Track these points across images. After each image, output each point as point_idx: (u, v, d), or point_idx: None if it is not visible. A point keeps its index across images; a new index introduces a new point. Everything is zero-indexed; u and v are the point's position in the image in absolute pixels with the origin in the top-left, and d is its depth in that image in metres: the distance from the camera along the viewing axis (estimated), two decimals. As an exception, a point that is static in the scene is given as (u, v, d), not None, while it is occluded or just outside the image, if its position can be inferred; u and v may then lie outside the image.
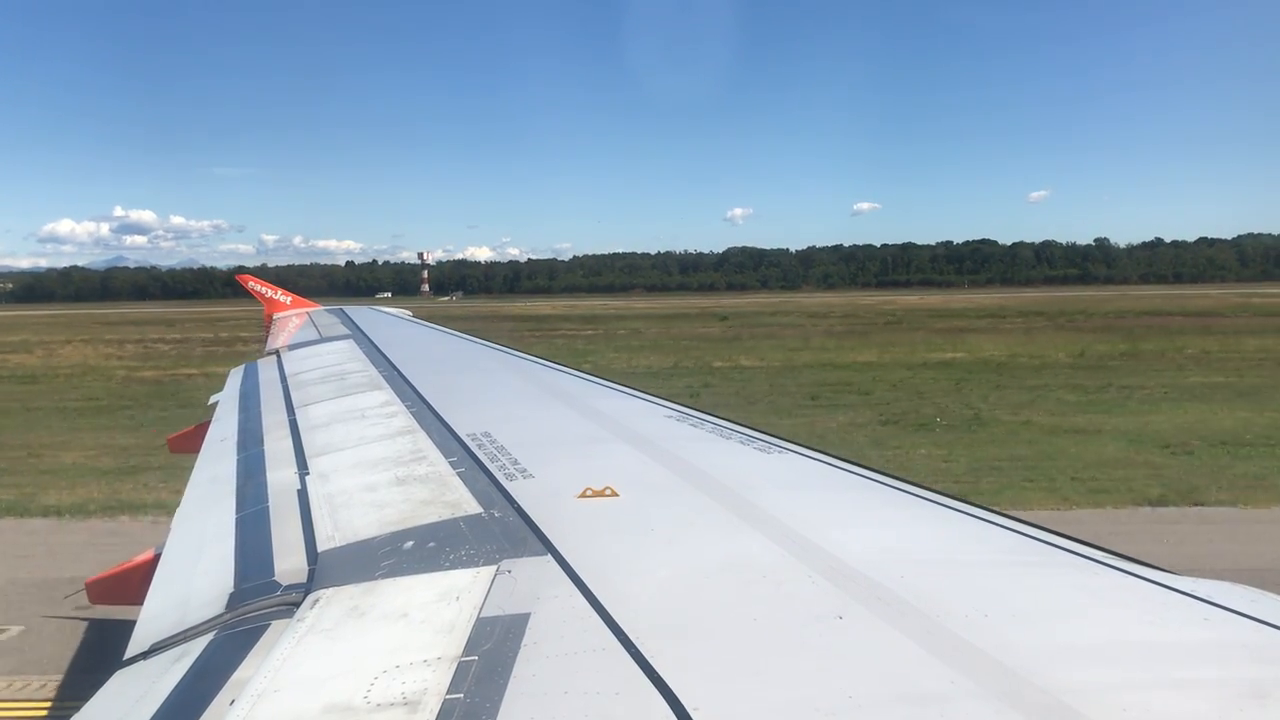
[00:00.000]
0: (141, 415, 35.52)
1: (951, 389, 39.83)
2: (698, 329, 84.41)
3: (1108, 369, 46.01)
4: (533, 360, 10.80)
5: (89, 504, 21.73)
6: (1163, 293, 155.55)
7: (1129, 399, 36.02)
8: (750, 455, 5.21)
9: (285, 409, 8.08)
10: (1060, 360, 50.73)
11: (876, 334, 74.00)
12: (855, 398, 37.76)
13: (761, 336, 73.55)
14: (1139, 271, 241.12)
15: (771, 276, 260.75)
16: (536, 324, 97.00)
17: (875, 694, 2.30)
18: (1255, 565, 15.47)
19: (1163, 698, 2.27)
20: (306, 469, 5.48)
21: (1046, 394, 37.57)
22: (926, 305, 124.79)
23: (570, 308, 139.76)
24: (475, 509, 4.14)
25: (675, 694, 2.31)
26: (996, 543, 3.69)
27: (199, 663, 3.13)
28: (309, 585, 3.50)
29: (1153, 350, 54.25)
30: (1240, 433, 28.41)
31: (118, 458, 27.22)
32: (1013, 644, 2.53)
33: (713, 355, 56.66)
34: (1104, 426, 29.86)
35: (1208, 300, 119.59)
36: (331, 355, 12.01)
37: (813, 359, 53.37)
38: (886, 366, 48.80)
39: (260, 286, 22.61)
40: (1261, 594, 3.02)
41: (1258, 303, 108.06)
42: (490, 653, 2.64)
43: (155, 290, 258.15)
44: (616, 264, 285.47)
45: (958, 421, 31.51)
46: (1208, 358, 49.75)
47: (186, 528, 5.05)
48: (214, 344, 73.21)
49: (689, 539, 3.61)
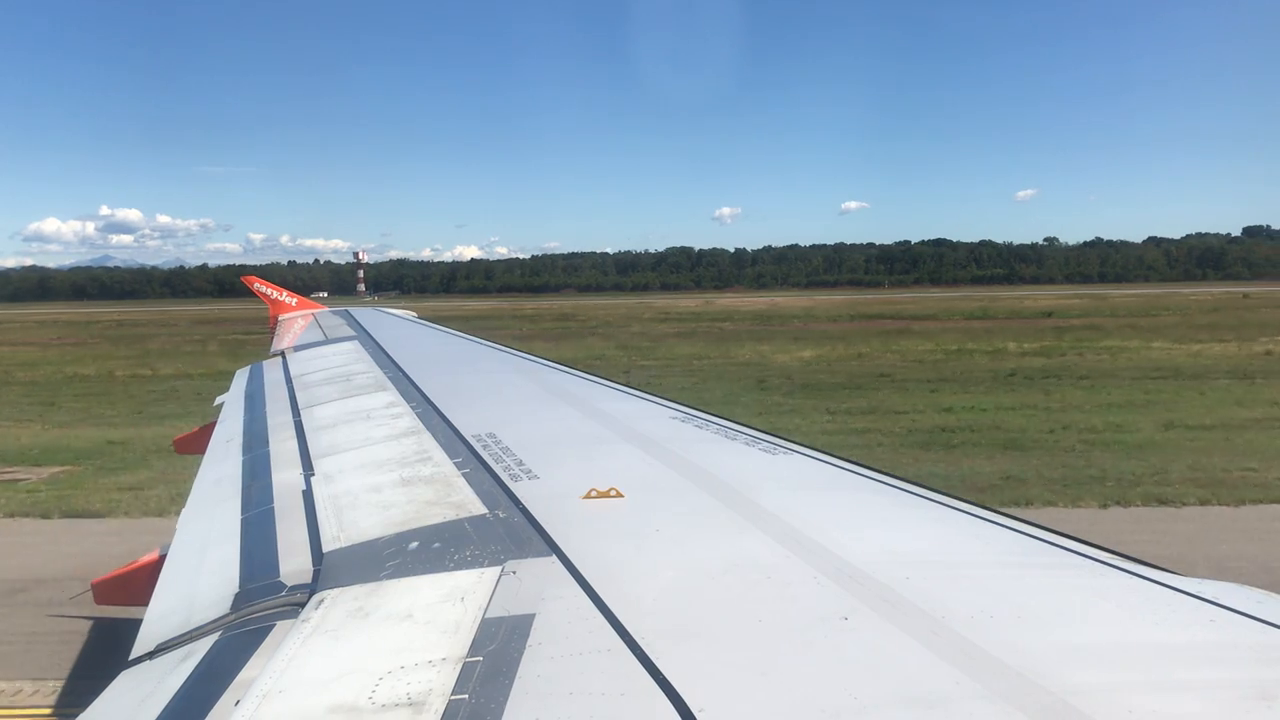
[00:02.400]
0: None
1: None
2: (493, 329, 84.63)
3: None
4: (537, 361, 10.80)
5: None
6: (1022, 293, 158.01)
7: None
8: (755, 456, 5.21)
9: (290, 410, 8.09)
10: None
11: (610, 333, 76.04)
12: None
13: (555, 336, 74.00)
14: (1065, 272, 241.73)
15: (705, 277, 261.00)
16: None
17: (880, 695, 2.30)
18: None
19: (1168, 699, 2.26)
20: (312, 470, 5.48)
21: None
22: (749, 307, 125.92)
23: (457, 308, 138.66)
24: (480, 510, 4.15)
25: (680, 695, 2.30)
26: (1001, 544, 3.68)
27: (204, 663, 3.13)
28: (314, 586, 3.50)
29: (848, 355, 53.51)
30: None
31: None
32: (1017, 645, 2.53)
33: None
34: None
35: (1044, 301, 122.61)
36: (337, 356, 12.03)
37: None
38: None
39: (266, 288, 22.65)
40: (1267, 595, 3.02)
41: (1079, 304, 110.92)
42: (495, 653, 2.64)
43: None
44: (558, 264, 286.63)
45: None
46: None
47: (192, 528, 5.05)
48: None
49: (694, 540, 3.61)
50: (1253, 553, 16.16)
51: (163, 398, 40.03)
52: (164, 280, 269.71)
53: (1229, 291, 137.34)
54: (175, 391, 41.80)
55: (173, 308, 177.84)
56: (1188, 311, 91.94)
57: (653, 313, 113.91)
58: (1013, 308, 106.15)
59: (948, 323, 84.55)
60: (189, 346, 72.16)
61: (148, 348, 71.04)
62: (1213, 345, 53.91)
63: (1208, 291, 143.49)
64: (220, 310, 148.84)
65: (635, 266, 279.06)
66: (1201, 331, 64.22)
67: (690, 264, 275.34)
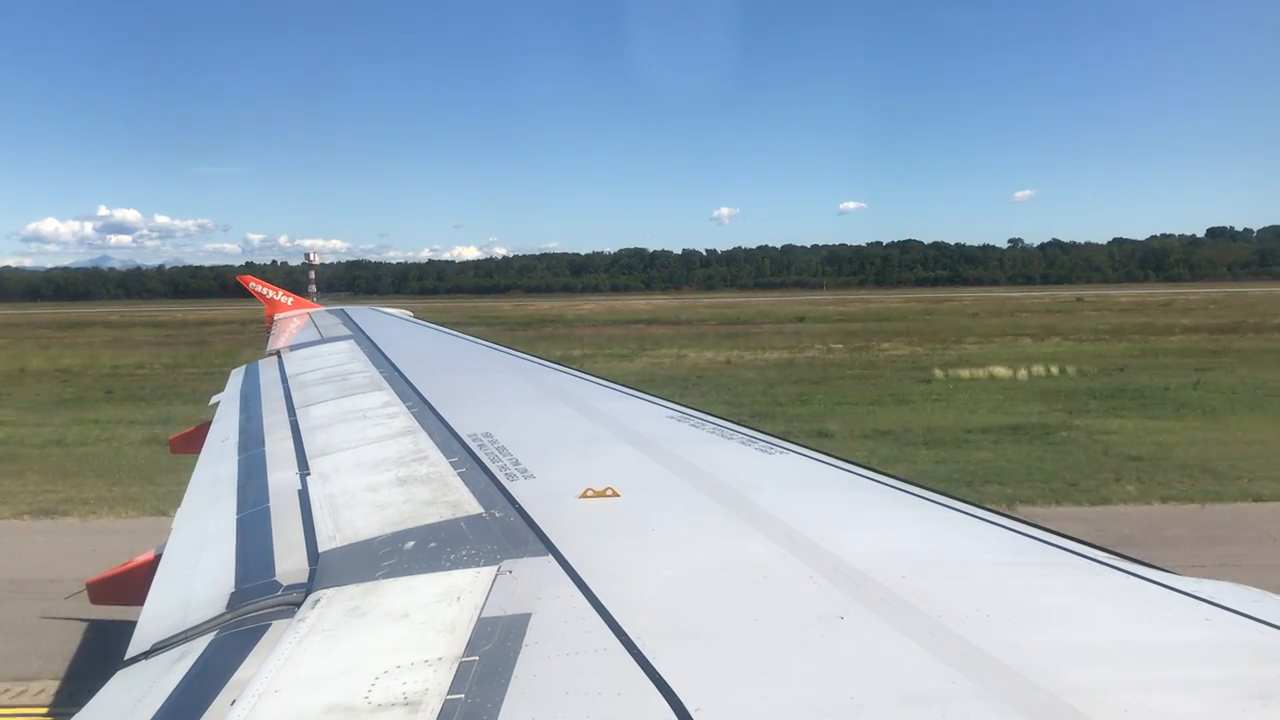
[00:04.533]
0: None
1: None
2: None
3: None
4: (534, 361, 10.80)
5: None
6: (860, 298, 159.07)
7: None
8: (751, 455, 5.21)
9: (286, 409, 8.08)
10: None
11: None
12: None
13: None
14: (1008, 273, 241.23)
15: (655, 279, 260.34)
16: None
17: (877, 694, 2.30)
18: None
19: (1164, 698, 2.27)
20: (308, 469, 5.47)
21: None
22: (627, 309, 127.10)
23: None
24: (476, 509, 4.14)
25: (677, 695, 2.30)
26: (997, 542, 3.69)
27: (200, 663, 3.13)
28: (310, 585, 3.50)
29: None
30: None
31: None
32: (1014, 644, 2.53)
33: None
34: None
35: (847, 305, 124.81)
36: (333, 356, 12.02)
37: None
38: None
39: (262, 287, 22.61)
40: (1263, 594, 3.02)
41: (862, 309, 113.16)
42: (491, 653, 2.64)
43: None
44: (512, 266, 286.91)
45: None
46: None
47: (188, 528, 5.05)
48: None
49: (690, 539, 3.61)
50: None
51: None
52: (119, 281, 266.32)
53: (1082, 295, 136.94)
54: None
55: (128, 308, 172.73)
56: (949, 316, 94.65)
57: (524, 315, 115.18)
58: (794, 312, 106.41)
59: (737, 326, 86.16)
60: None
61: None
62: (703, 352, 56.44)
63: (1074, 294, 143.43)
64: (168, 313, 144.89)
65: (588, 268, 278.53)
66: (766, 339, 67.22)
67: (643, 265, 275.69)
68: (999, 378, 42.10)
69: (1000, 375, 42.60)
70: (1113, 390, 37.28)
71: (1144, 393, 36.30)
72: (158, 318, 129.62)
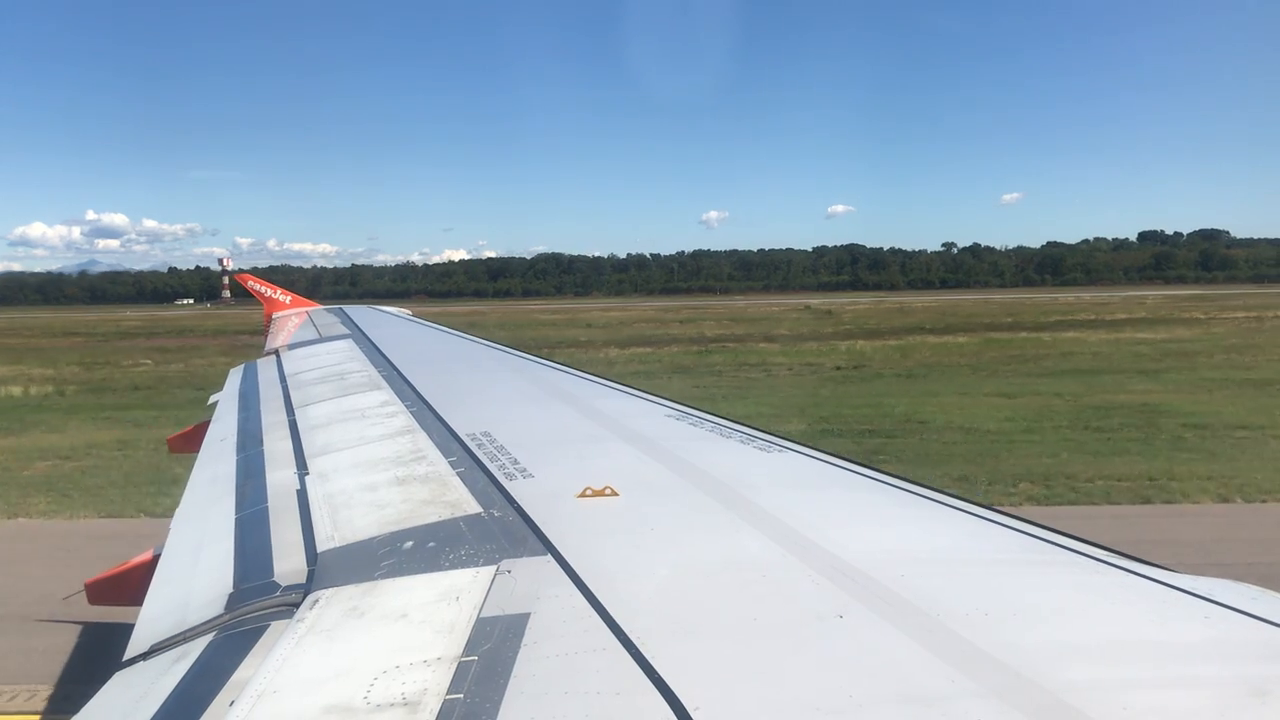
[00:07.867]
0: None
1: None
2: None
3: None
4: (533, 360, 10.79)
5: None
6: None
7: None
8: (750, 454, 5.21)
9: (285, 409, 8.07)
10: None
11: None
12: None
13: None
14: (939, 276, 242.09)
15: (568, 283, 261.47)
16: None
17: (876, 693, 2.30)
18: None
19: (1164, 696, 2.27)
20: (306, 469, 5.47)
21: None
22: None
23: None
24: (475, 509, 4.14)
25: (676, 694, 2.30)
26: (997, 541, 3.69)
27: (198, 663, 3.12)
28: (308, 585, 3.49)
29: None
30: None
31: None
32: (1013, 643, 2.53)
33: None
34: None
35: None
36: (331, 355, 12.00)
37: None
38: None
39: (260, 286, 22.57)
40: (1263, 592, 3.02)
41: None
42: (490, 653, 2.64)
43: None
44: (433, 272, 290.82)
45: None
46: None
47: (186, 528, 5.04)
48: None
49: (689, 538, 3.61)
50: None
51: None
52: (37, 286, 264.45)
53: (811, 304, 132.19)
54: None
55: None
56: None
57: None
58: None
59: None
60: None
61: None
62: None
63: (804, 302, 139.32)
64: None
65: (505, 272, 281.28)
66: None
67: (559, 270, 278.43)
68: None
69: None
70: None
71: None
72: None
